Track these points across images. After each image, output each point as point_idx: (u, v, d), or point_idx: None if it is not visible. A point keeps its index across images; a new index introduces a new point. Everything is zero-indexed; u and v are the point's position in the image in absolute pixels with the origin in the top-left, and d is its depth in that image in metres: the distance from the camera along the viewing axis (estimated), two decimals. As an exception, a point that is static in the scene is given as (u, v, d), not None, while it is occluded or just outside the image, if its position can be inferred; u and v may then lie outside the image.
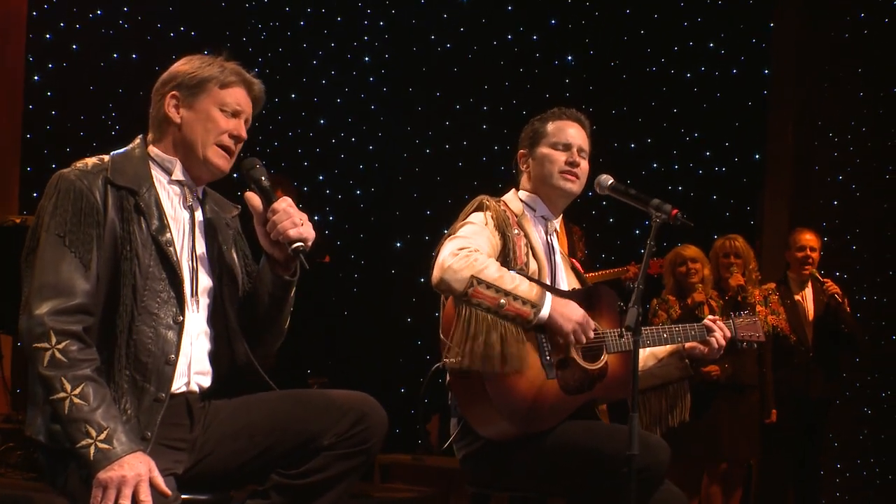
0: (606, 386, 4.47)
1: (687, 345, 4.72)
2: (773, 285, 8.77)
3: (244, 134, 3.77)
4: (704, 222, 10.12)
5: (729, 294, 8.37)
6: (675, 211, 4.30)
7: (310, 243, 3.70)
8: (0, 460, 7.28)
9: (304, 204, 4.05)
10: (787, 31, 11.31)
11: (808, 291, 8.79)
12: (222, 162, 3.74)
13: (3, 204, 9.49)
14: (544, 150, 4.65)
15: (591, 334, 4.38)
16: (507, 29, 11.91)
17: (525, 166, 4.74)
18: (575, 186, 4.66)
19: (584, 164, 4.69)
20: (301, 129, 12.11)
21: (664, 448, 4.24)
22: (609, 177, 4.53)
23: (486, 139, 11.74)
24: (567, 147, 4.63)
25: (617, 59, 11.66)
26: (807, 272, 8.68)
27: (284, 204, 3.69)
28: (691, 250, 8.46)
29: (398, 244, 11.91)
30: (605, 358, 4.48)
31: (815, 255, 8.72)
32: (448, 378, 4.47)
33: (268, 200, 3.72)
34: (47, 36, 10.58)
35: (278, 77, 11.41)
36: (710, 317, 4.81)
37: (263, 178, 3.77)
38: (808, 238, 8.77)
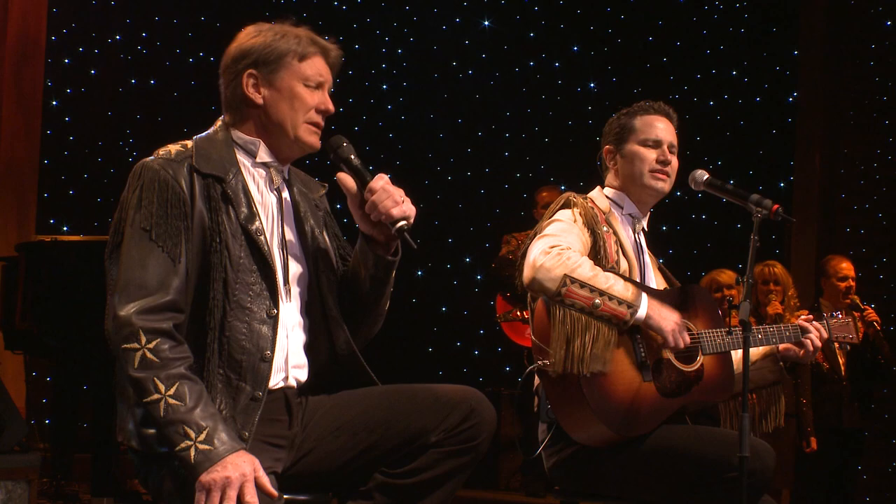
0: (703, 388, 4.31)
1: (781, 347, 4.54)
2: (805, 313, 8.62)
3: (331, 107, 3.57)
4: (730, 251, 10.02)
5: (767, 322, 8.22)
6: (776, 206, 4.20)
7: (412, 220, 3.49)
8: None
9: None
10: (812, 58, 11.27)
11: (842, 319, 8.65)
12: (314, 139, 3.55)
13: (22, 228, 9.37)
14: (633, 147, 4.49)
15: (688, 339, 4.22)
16: (530, 55, 11.81)
17: (612, 163, 4.57)
18: (666, 185, 4.52)
19: (675, 161, 4.55)
20: (318, 157, 12.02)
21: (771, 453, 4.08)
22: (704, 172, 4.40)
23: (509, 166, 11.64)
24: (657, 144, 4.48)
25: (640, 86, 11.53)
26: (848, 302, 8.54)
27: (382, 182, 3.48)
28: (726, 276, 8.31)
29: (419, 273, 11.79)
30: (700, 359, 4.31)
31: (854, 284, 8.62)
32: (537, 382, 4.31)
33: (362, 180, 3.51)
34: (66, 60, 10.45)
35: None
36: (805, 316, 4.64)
37: (353, 157, 3.55)
38: (847, 267, 8.67)
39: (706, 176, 4.40)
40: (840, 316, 4.78)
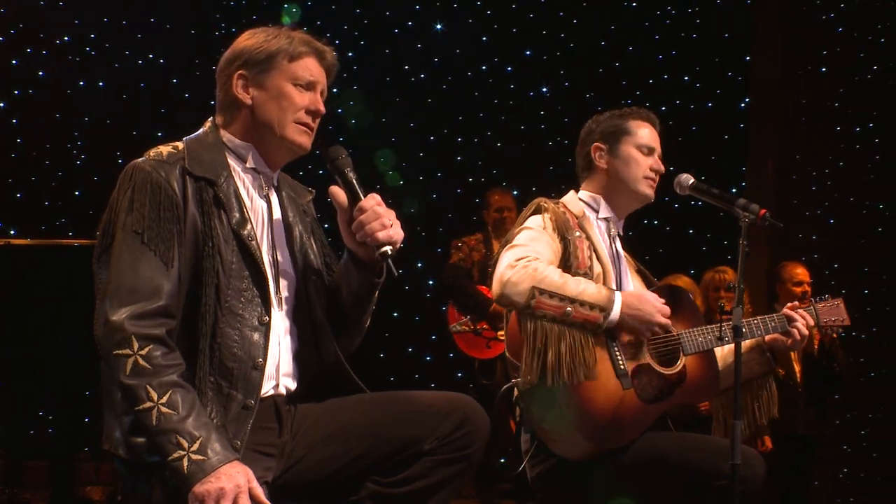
0: (686, 391, 4.28)
1: (768, 337, 4.52)
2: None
3: (322, 108, 3.53)
4: (681, 257, 10.02)
5: (719, 328, 8.20)
6: (763, 211, 4.18)
7: (398, 246, 3.44)
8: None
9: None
10: (765, 64, 11.28)
11: (797, 326, 8.65)
12: (304, 139, 3.50)
13: (-29, 230, 9.25)
14: (630, 149, 4.48)
15: (667, 310, 4.18)
16: (482, 59, 11.76)
17: (601, 161, 4.53)
18: (653, 193, 4.52)
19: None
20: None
21: (761, 461, 4.08)
22: (690, 176, 4.40)
23: (461, 170, 11.57)
24: (651, 151, 4.49)
25: (592, 91, 11.54)
26: (803, 306, 8.51)
27: (373, 202, 3.44)
28: (682, 281, 8.29)
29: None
30: (682, 361, 4.28)
31: (809, 289, 8.63)
32: (516, 395, 4.24)
33: (353, 197, 3.46)
34: (13, 62, 10.35)
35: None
36: (790, 304, 4.60)
37: (349, 171, 3.50)
38: (802, 272, 8.68)
39: (691, 180, 4.39)
40: (828, 298, 4.74)
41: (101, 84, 10.73)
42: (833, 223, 10.95)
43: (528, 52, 11.86)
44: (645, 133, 4.53)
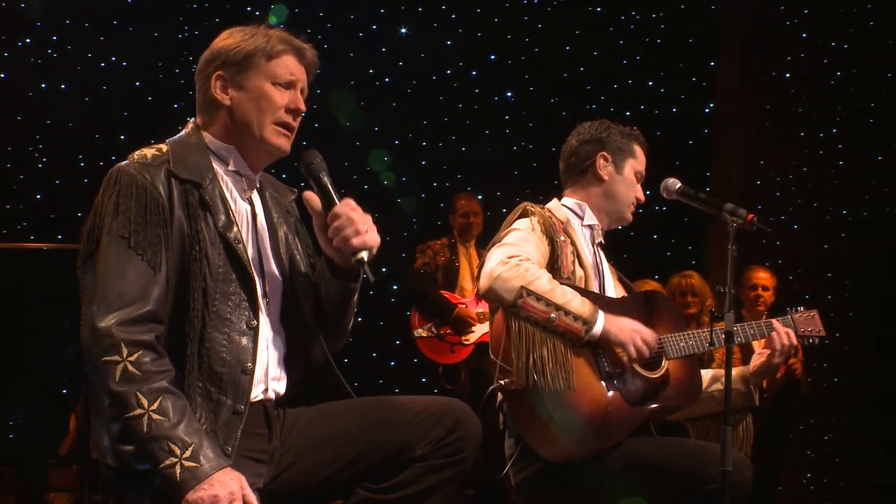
0: (670, 394, 4.27)
1: (752, 366, 4.49)
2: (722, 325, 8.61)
3: (302, 106, 3.48)
4: (646, 263, 10.00)
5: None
6: (750, 216, 4.20)
7: (374, 251, 3.38)
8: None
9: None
10: (729, 70, 11.29)
11: (762, 332, 8.64)
12: (282, 141, 3.45)
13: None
14: (630, 174, 4.52)
15: (654, 344, 4.17)
16: (447, 63, 11.74)
17: (604, 171, 4.51)
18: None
19: None
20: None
21: (749, 465, 4.08)
22: (677, 181, 4.38)
23: (426, 175, 11.54)
24: (641, 178, 4.49)
25: (557, 96, 11.53)
26: (760, 310, 8.53)
27: (347, 207, 3.37)
28: (651, 286, 8.26)
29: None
30: (665, 364, 4.27)
31: (766, 294, 8.61)
32: (500, 398, 4.23)
33: (328, 202, 3.40)
34: (-26, 64, 10.31)
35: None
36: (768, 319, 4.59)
37: (323, 175, 3.45)
38: (762, 276, 8.68)
39: (678, 185, 4.37)
40: (802, 310, 4.73)
41: (63, 87, 10.67)
42: (797, 229, 10.97)
43: (492, 57, 11.84)
44: (643, 159, 4.56)
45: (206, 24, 10.88)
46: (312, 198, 3.45)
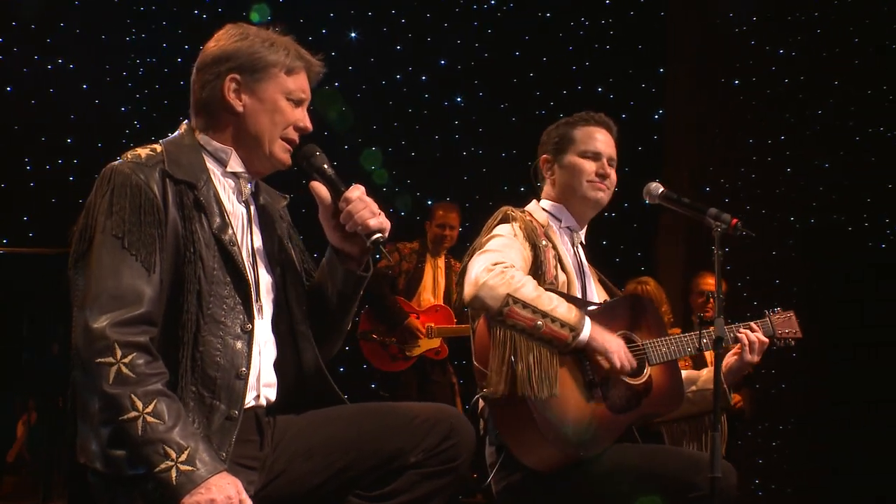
0: (653, 400, 4.24)
1: (725, 365, 4.42)
2: (678, 331, 8.61)
3: (310, 125, 3.46)
4: (595, 268, 9.99)
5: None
6: (735, 221, 4.21)
7: (387, 234, 3.38)
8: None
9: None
10: (679, 76, 11.33)
11: (711, 340, 8.65)
12: (286, 156, 3.43)
13: None
14: (572, 158, 4.46)
15: (634, 362, 4.13)
16: (397, 68, 11.72)
17: (549, 174, 4.52)
18: (605, 196, 4.48)
19: (614, 175, 4.53)
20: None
21: (733, 471, 4.01)
22: (659, 185, 4.35)
23: (374, 180, 11.49)
24: (597, 156, 4.45)
25: (506, 101, 11.53)
26: (709, 316, 8.54)
27: (358, 192, 3.38)
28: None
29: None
30: (648, 371, 4.23)
31: (713, 300, 8.61)
32: (481, 406, 4.19)
33: (336, 190, 3.41)
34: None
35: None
36: (746, 324, 4.56)
37: (327, 166, 3.46)
38: (710, 283, 8.68)
39: (661, 189, 4.35)
40: (779, 311, 4.71)
41: (8, 89, 10.57)
42: (745, 235, 10.96)
43: (442, 62, 11.83)
44: (589, 138, 4.51)
45: (152, 27, 10.84)
46: (319, 187, 3.45)
